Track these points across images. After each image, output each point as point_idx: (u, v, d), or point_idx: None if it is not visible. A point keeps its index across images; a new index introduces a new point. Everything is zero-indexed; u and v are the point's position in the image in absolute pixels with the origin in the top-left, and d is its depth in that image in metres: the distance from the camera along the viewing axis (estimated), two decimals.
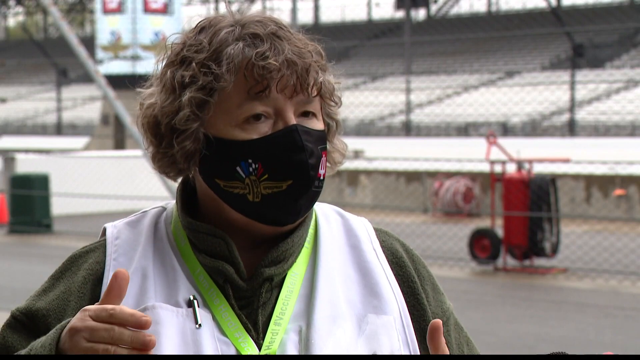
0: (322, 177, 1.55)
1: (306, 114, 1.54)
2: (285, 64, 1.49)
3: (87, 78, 45.39)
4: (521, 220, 13.23)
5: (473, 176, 20.40)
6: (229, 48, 1.50)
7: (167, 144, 1.54)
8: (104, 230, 1.63)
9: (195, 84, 1.51)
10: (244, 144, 1.51)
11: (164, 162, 1.56)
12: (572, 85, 38.96)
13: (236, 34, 1.52)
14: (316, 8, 58.69)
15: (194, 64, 1.51)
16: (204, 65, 1.51)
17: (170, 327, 1.49)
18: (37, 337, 1.51)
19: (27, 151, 27.26)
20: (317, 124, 1.55)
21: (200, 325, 1.50)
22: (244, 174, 1.51)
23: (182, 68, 1.53)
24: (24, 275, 12.61)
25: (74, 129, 48.95)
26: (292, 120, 1.51)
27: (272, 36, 1.51)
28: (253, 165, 1.51)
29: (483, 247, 13.49)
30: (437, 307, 1.63)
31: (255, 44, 1.51)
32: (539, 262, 13.56)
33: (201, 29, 1.56)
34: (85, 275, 1.58)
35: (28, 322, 1.56)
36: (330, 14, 59.90)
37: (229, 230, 1.56)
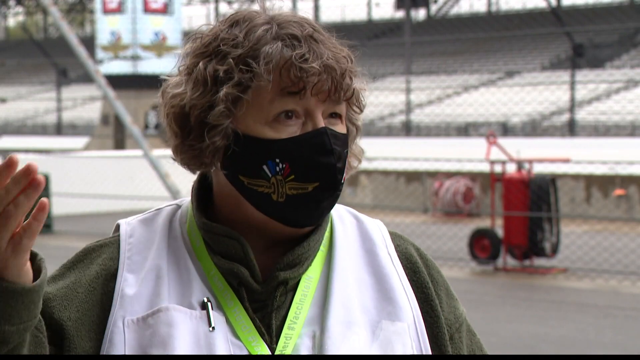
0: (343, 181, 1.54)
1: (333, 116, 1.53)
2: (324, 68, 1.49)
3: (87, 78, 45.39)
4: (521, 220, 13.23)
5: (473, 176, 20.40)
6: (267, 46, 1.49)
7: (195, 137, 1.52)
8: (117, 226, 1.61)
9: (231, 80, 1.49)
10: (273, 143, 1.49)
11: (189, 155, 1.54)
12: (572, 85, 38.97)
13: (273, 33, 1.51)
14: (316, 8, 58.69)
15: (230, 59, 1.49)
16: (241, 61, 1.49)
17: (183, 330, 1.48)
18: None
19: (27, 151, 27.26)
20: (342, 128, 1.55)
21: (213, 328, 1.48)
22: (270, 173, 1.50)
23: (216, 61, 1.50)
24: None
25: (74, 129, 48.96)
26: (322, 122, 1.51)
27: (310, 38, 1.50)
28: (280, 165, 1.49)
29: (483, 247, 13.48)
30: (450, 314, 1.62)
31: (294, 45, 1.49)
32: (539, 262, 13.56)
33: (234, 22, 1.54)
34: (98, 270, 1.56)
35: None
36: (330, 14, 59.94)
37: (245, 230, 1.54)
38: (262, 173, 1.50)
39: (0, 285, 1.34)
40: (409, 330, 1.54)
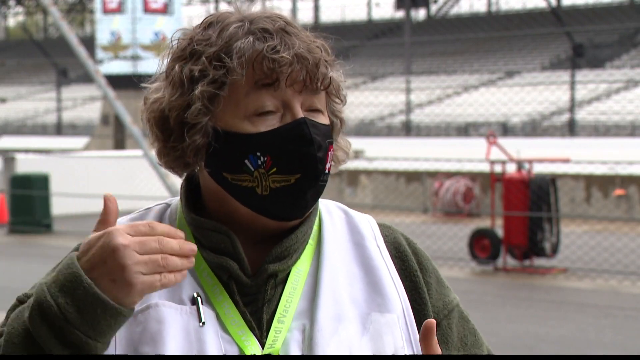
0: (327, 171, 1.55)
1: (313, 110, 1.54)
2: (296, 58, 1.50)
3: (87, 78, 45.38)
4: (521, 220, 13.23)
5: (473, 176, 20.40)
6: (239, 42, 1.50)
7: (175, 138, 1.53)
8: None
9: (206, 78, 1.50)
10: (253, 137, 1.50)
11: (171, 157, 1.55)
12: (572, 85, 38.97)
13: (245, 29, 1.52)
14: (316, 8, 58.69)
15: (203, 57, 1.51)
16: (215, 58, 1.51)
17: (174, 326, 1.49)
18: None
19: (27, 151, 27.26)
20: (324, 120, 1.55)
21: (203, 323, 1.49)
22: (252, 167, 1.51)
23: (191, 62, 1.52)
24: (24, 275, 12.61)
25: (74, 129, 48.94)
26: (300, 113, 1.51)
27: (282, 31, 1.52)
28: (262, 158, 1.50)
29: (483, 247, 13.49)
30: (438, 301, 1.62)
31: (265, 37, 1.51)
32: (539, 262, 13.56)
33: (209, 24, 1.56)
34: None
35: None
36: (330, 14, 59.93)
37: (233, 226, 1.55)
38: (244, 168, 1.51)
39: (114, 307, 1.37)
40: (399, 322, 1.55)
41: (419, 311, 1.59)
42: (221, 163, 1.53)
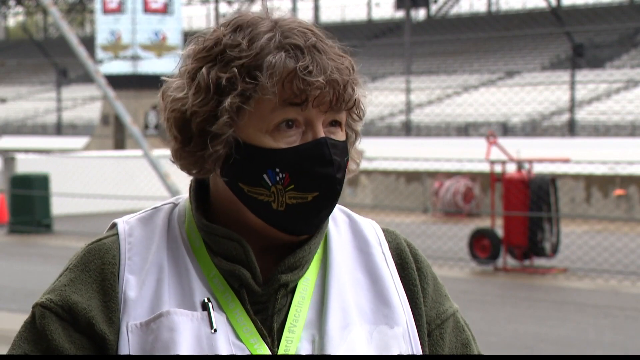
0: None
1: (333, 123, 1.53)
2: (328, 82, 1.48)
3: (87, 78, 45.38)
4: (521, 220, 13.23)
5: (473, 176, 20.39)
6: (270, 56, 1.48)
7: (196, 144, 1.51)
8: (113, 224, 1.59)
9: (234, 90, 1.48)
10: (274, 152, 1.49)
11: (190, 161, 1.53)
12: (572, 85, 38.98)
13: (276, 42, 1.49)
14: (316, 8, 58.69)
15: (234, 68, 1.48)
16: (245, 71, 1.48)
17: (185, 333, 1.48)
18: (77, 331, 1.50)
19: (27, 151, 27.24)
20: (342, 135, 1.55)
21: (215, 330, 1.49)
22: (270, 182, 1.50)
23: (218, 67, 1.50)
24: (24, 275, 12.61)
25: (74, 129, 48.96)
26: (321, 132, 1.50)
27: (313, 49, 1.50)
28: (280, 175, 1.49)
29: (483, 247, 13.48)
30: (432, 309, 1.62)
31: (297, 56, 1.48)
32: (539, 262, 13.56)
33: (237, 27, 1.52)
34: (112, 270, 1.54)
35: (65, 314, 1.52)
36: (330, 14, 59.97)
37: (244, 233, 1.54)
38: (262, 182, 1.50)
39: None
40: (404, 335, 1.55)
41: (415, 321, 1.59)
42: (239, 174, 1.51)
